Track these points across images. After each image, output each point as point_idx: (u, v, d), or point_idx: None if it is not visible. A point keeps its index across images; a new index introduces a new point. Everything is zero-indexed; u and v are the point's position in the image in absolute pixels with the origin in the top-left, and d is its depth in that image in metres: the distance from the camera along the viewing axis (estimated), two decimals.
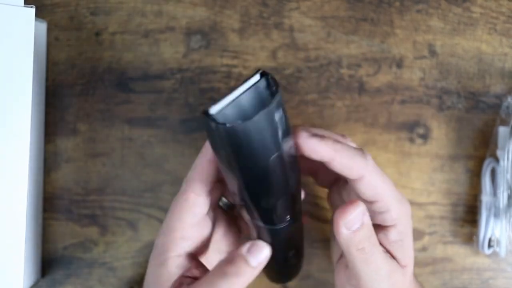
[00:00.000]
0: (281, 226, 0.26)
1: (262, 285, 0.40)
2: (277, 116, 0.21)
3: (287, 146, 0.23)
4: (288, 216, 0.26)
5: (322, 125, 0.40)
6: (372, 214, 0.28)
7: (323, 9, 0.40)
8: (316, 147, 0.25)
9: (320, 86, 0.40)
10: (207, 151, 0.26)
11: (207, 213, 0.28)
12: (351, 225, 0.25)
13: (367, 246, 0.26)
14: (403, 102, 0.40)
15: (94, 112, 0.40)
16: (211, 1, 0.40)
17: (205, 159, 0.26)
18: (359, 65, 0.40)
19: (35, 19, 0.31)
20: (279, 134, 0.22)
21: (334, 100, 0.40)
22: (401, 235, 0.28)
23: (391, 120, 0.40)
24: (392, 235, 0.28)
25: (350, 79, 0.40)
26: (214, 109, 0.20)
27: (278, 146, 0.22)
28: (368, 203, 0.27)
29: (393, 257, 0.28)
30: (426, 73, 0.40)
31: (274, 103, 0.21)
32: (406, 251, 0.28)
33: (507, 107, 0.39)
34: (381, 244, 0.28)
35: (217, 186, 0.28)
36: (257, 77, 0.22)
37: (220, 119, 0.20)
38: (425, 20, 0.40)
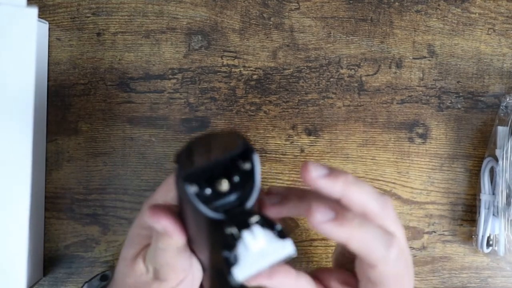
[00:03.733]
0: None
1: None
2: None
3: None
4: None
5: (322, 125, 0.40)
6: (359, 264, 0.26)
7: (323, 10, 0.40)
8: (332, 231, 0.23)
9: (320, 86, 0.40)
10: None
11: None
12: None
13: None
14: (402, 102, 0.40)
15: (95, 112, 0.40)
16: (211, 2, 0.40)
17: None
18: (358, 65, 0.40)
19: (37, 20, 0.32)
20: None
21: (334, 100, 0.40)
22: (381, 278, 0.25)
23: (391, 120, 0.40)
24: (372, 274, 0.25)
25: (350, 79, 0.40)
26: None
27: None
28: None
29: None
30: (425, 73, 0.40)
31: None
32: None
33: (506, 107, 0.39)
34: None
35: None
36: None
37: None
38: (424, 21, 0.40)
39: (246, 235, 0.20)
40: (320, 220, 0.23)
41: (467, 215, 0.40)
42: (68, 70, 0.40)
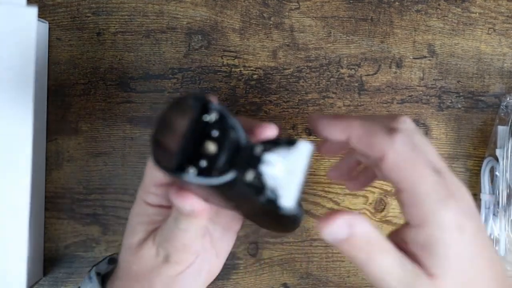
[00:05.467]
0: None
1: (263, 284, 0.40)
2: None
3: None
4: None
5: None
6: (402, 206, 0.24)
7: (323, 9, 0.40)
8: (328, 126, 0.24)
9: (320, 85, 0.40)
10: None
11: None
12: (335, 236, 0.22)
13: (362, 255, 0.23)
14: (402, 101, 0.40)
15: (95, 112, 0.40)
16: (212, 1, 0.40)
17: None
18: (359, 65, 0.40)
19: (37, 19, 0.32)
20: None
21: (334, 100, 0.40)
22: (430, 239, 0.23)
23: None
24: (419, 236, 0.23)
25: (350, 78, 0.40)
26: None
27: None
28: (398, 192, 0.23)
29: (418, 262, 0.23)
30: (426, 72, 0.40)
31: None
32: (439, 260, 0.23)
33: (506, 107, 0.39)
34: (407, 244, 0.24)
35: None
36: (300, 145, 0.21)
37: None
38: (424, 20, 0.40)
39: (264, 168, 0.20)
40: (318, 117, 0.24)
41: None
42: (68, 70, 0.40)
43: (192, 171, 0.20)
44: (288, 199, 0.20)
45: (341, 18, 0.40)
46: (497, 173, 0.38)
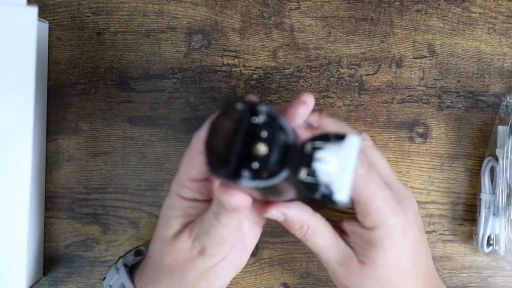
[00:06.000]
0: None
1: (263, 284, 0.40)
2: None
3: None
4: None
5: None
6: (357, 212, 0.29)
7: (323, 9, 0.40)
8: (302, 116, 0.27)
9: (320, 85, 0.40)
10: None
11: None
12: (276, 218, 0.28)
13: (299, 234, 0.29)
14: (402, 101, 0.40)
15: (95, 111, 0.40)
16: (212, 1, 0.40)
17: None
18: (359, 65, 0.40)
19: (37, 19, 0.32)
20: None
21: (334, 100, 0.40)
22: (377, 239, 0.28)
23: (391, 119, 0.40)
24: (368, 235, 0.29)
25: (350, 78, 0.40)
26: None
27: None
28: (353, 201, 0.28)
29: (356, 250, 0.30)
30: (426, 72, 0.40)
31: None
32: (378, 255, 0.29)
33: (506, 106, 0.39)
34: (354, 234, 0.30)
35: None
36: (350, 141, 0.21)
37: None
38: (424, 20, 0.40)
39: (317, 166, 0.20)
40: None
41: (467, 215, 0.40)
42: (68, 70, 0.40)
43: (246, 175, 0.21)
44: (342, 194, 0.20)
45: (341, 18, 0.40)
46: (497, 172, 0.38)
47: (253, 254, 0.39)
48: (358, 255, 0.29)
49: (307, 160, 0.20)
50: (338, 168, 0.20)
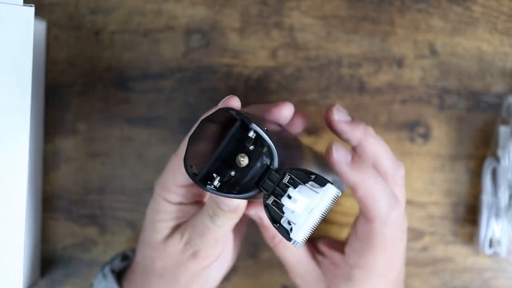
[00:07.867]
0: None
1: (262, 286, 0.40)
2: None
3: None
4: None
5: (322, 125, 0.39)
6: (360, 205, 0.28)
7: (323, 8, 0.40)
8: (347, 172, 0.27)
9: (321, 85, 0.40)
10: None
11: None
12: (254, 218, 0.29)
13: (270, 243, 0.30)
14: (403, 101, 0.40)
15: (93, 112, 0.39)
16: (211, 0, 0.40)
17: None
18: (359, 65, 0.40)
19: (35, 18, 0.31)
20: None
21: (335, 100, 0.40)
22: (373, 231, 0.27)
23: (392, 120, 0.40)
24: (366, 227, 0.28)
25: (351, 78, 0.40)
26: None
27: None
28: (356, 197, 0.28)
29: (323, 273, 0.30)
30: (427, 72, 0.40)
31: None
32: (358, 257, 0.28)
33: (508, 107, 0.39)
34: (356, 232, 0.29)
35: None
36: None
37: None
38: (425, 20, 0.40)
39: (285, 201, 0.20)
40: (338, 159, 0.25)
41: (469, 216, 0.40)
42: (65, 70, 0.39)
43: (215, 183, 0.21)
44: (299, 236, 0.20)
45: (342, 17, 0.40)
46: (498, 173, 0.38)
47: (252, 256, 0.39)
48: (327, 280, 0.29)
49: (280, 190, 0.20)
50: (305, 211, 0.20)
